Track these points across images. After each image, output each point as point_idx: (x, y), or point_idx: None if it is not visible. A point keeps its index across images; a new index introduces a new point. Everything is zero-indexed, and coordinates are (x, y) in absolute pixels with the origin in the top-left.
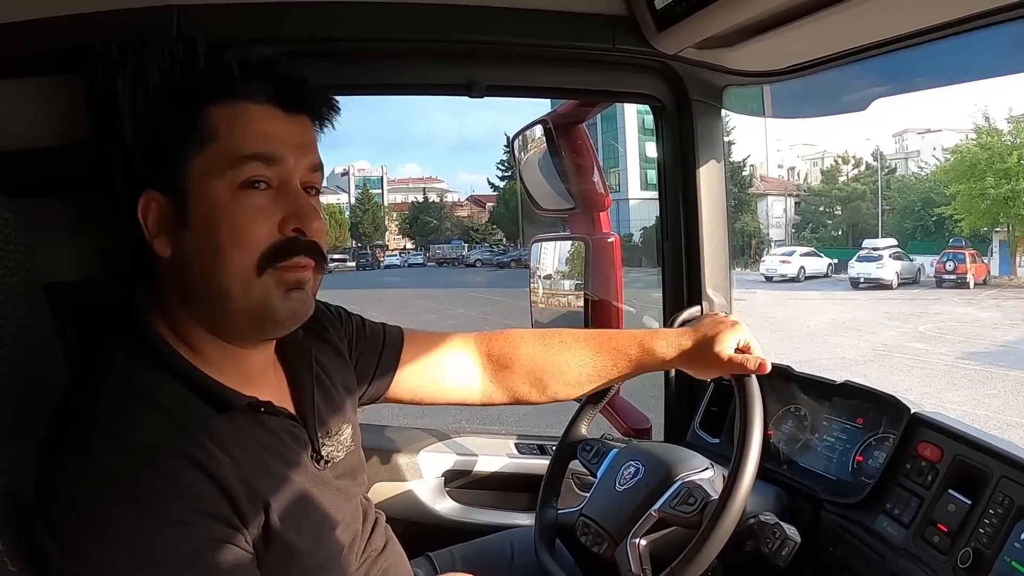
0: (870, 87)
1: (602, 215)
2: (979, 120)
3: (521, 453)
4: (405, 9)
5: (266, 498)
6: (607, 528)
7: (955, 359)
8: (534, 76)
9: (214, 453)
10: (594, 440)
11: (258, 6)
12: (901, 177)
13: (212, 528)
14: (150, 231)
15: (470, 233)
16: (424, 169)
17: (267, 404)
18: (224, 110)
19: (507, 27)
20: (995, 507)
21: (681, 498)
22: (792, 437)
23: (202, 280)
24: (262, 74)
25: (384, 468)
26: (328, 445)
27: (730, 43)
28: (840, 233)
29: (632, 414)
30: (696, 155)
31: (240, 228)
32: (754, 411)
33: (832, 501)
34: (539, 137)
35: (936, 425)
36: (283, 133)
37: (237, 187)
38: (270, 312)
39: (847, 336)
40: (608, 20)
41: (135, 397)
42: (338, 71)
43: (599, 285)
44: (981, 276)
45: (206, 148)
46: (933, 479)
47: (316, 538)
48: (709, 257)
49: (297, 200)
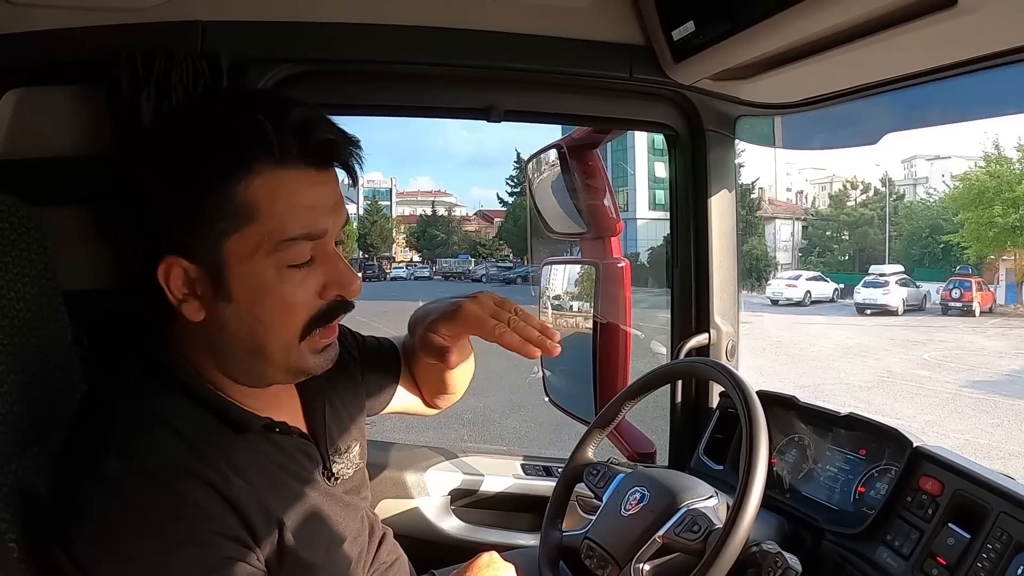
0: (881, 121)
1: (613, 240)
2: (988, 148)
3: (527, 474)
4: (427, 33)
5: (280, 516)
6: (612, 552)
7: (959, 387)
8: (551, 102)
9: (228, 475)
10: (600, 464)
11: (283, 25)
12: (909, 203)
13: (224, 547)
14: (174, 294)
15: (477, 248)
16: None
17: (281, 424)
18: (259, 182)
19: (526, 54)
20: (994, 542)
21: (685, 525)
22: (795, 466)
23: (243, 346)
24: (299, 133)
25: (392, 485)
26: (338, 463)
27: (745, 75)
28: (847, 258)
29: (637, 438)
30: (708, 184)
31: (288, 302)
32: (759, 441)
33: (833, 531)
34: (553, 160)
35: (937, 459)
36: (321, 199)
37: (284, 267)
38: (306, 368)
39: (851, 362)
40: (626, 49)
41: (150, 419)
42: (359, 92)
43: (608, 309)
44: (987, 304)
45: (245, 227)
46: (934, 512)
47: (327, 552)
48: (718, 285)
49: (337, 266)
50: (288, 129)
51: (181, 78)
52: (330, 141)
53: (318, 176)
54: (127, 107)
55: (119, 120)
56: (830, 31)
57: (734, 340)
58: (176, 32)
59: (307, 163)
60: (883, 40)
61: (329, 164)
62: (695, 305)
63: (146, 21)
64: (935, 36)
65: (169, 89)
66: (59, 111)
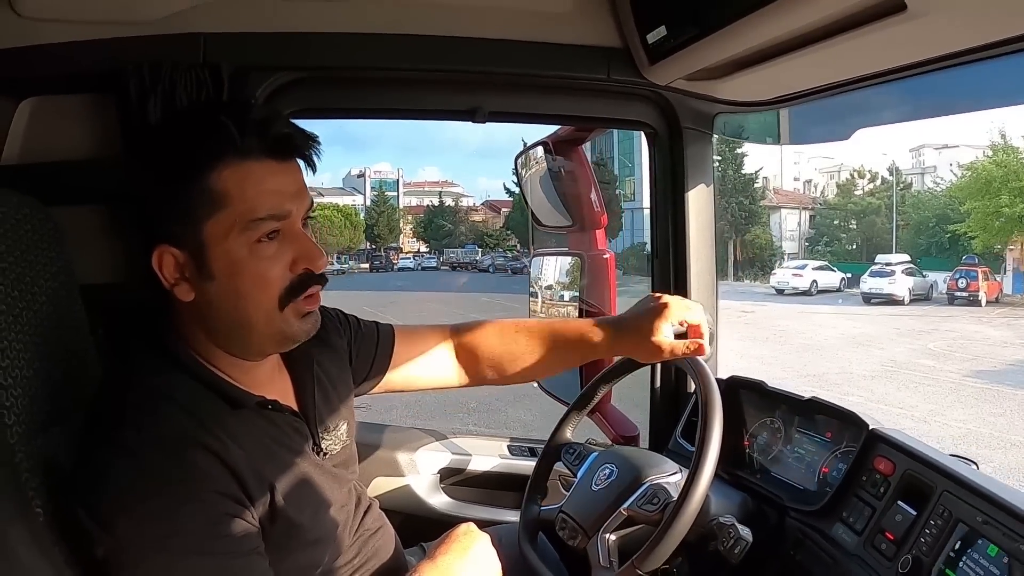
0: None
1: (598, 232)
2: (995, 138)
3: (513, 455)
4: (414, 40)
5: (272, 481)
6: (582, 524)
7: (963, 377)
8: (534, 103)
9: (226, 443)
10: (577, 444)
11: (279, 36)
12: (916, 193)
13: (224, 505)
14: (167, 279)
15: (484, 238)
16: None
17: (274, 403)
18: (228, 172)
19: (509, 58)
20: (936, 518)
21: (647, 498)
22: (766, 448)
23: (229, 319)
24: (259, 131)
25: (384, 464)
26: (327, 439)
27: (718, 75)
28: (855, 247)
29: (621, 422)
30: (686, 179)
31: (261, 275)
32: (713, 418)
33: (796, 509)
34: (541, 156)
35: (891, 441)
36: (284, 186)
37: (254, 242)
38: (290, 335)
39: (856, 351)
40: (604, 52)
41: (158, 397)
42: (353, 96)
43: (594, 298)
44: (993, 294)
45: (219, 212)
46: (885, 491)
47: (314, 516)
48: (696, 275)
49: (303, 243)
50: (249, 127)
51: (185, 87)
52: (286, 135)
53: (279, 167)
54: (136, 114)
55: (128, 126)
56: (794, 33)
57: (712, 327)
58: (180, 44)
59: (268, 155)
60: (843, 42)
61: (288, 156)
62: (673, 292)
63: (152, 34)
64: (890, 39)
65: (174, 97)
66: (72, 118)
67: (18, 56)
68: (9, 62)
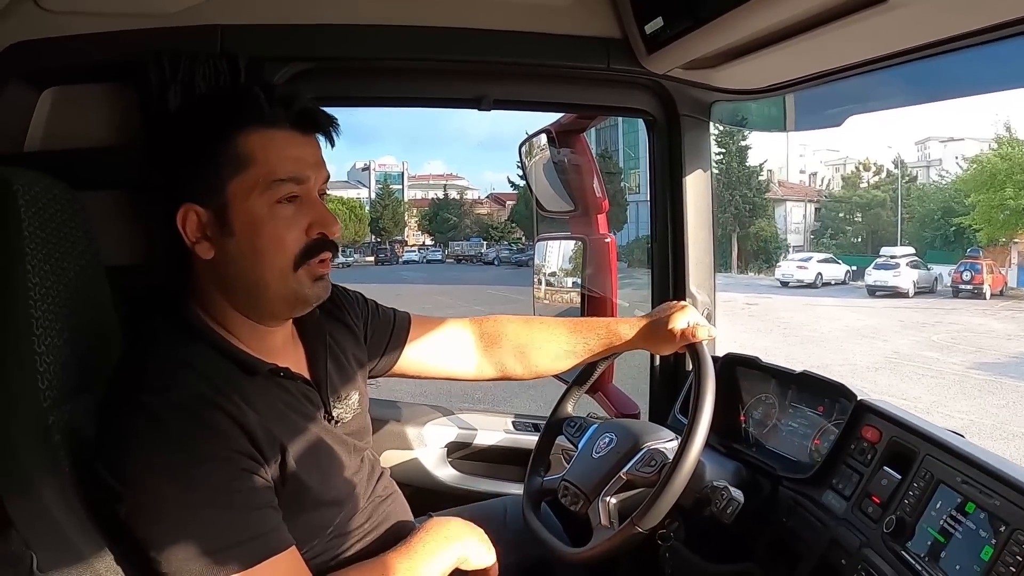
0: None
1: (599, 217)
2: (1000, 130)
3: (517, 430)
4: (422, 31)
5: (284, 443)
6: (583, 489)
7: (966, 369)
8: (537, 92)
9: (241, 406)
10: (578, 417)
11: (293, 27)
12: (921, 186)
13: (239, 462)
14: (189, 237)
15: (489, 231)
16: (448, 166)
17: (285, 370)
18: (255, 137)
19: (513, 48)
20: (919, 480)
21: (645, 462)
22: (761, 422)
23: (246, 276)
24: (284, 104)
25: (394, 437)
26: (338, 407)
27: (714, 64)
28: (860, 240)
29: (623, 400)
30: (684, 165)
31: (279, 235)
32: (706, 384)
33: (788, 478)
34: (544, 144)
35: (878, 410)
36: (305, 155)
37: (274, 203)
38: (302, 297)
39: (860, 343)
40: (603, 42)
41: (177, 365)
42: (363, 85)
43: (595, 281)
44: (998, 287)
45: (243, 172)
46: (872, 457)
47: (323, 479)
48: (694, 258)
49: (319, 210)
50: (275, 100)
51: (204, 76)
52: (310, 110)
53: (302, 138)
54: (156, 103)
55: (148, 114)
56: (785, 23)
57: (710, 308)
58: (198, 35)
59: (292, 126)
60: (831, 31)
61: (310, 129)
62: (672, 276)
63: (171, 26)
64: (874, 28)
65: (193, 86)
66: (93, 107)
67: (41, 47)
68: (33, 53)
